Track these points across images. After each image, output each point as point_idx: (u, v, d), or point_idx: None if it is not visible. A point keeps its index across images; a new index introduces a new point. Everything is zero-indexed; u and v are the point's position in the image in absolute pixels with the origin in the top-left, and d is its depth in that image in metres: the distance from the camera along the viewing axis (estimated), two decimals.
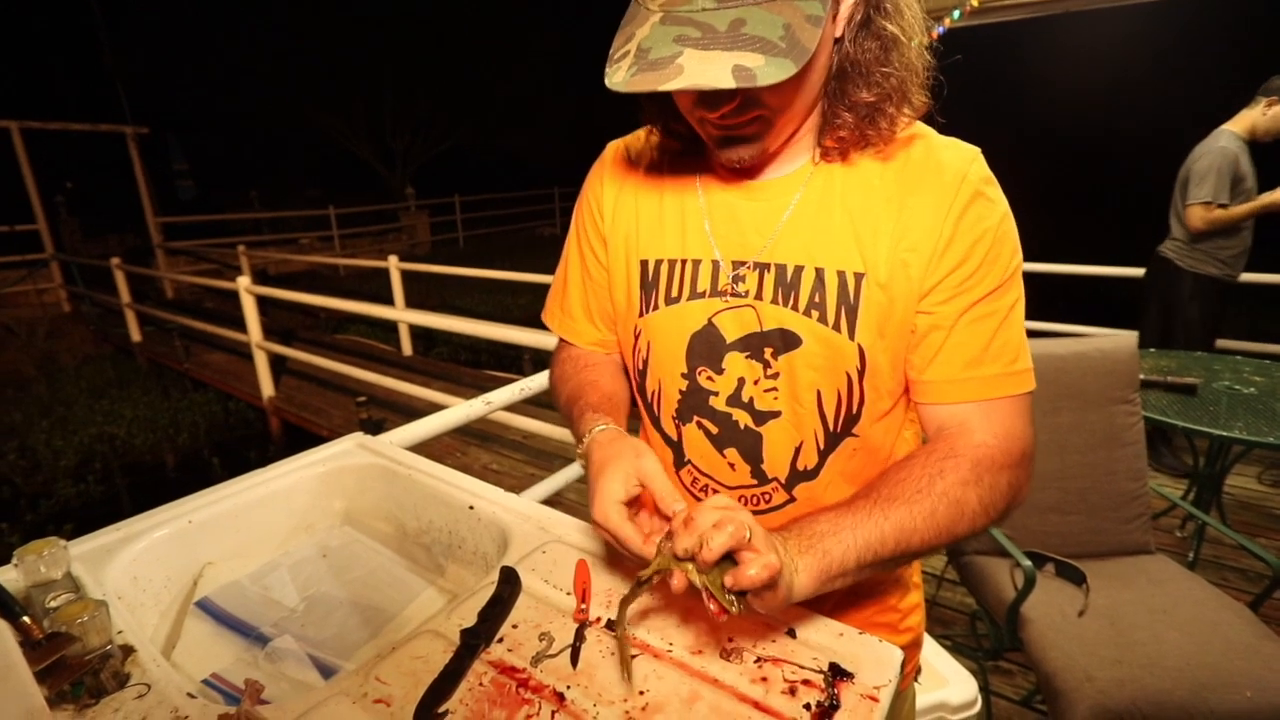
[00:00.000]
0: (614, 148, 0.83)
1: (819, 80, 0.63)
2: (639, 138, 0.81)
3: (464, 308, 9.39)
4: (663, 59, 0.52)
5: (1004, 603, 1.52)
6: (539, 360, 5.10)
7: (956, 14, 2.69)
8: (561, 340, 0.91)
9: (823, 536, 0.58)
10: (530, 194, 18.09)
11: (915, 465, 0.64)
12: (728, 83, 0.50)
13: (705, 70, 0.51)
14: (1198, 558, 2.32)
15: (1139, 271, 3.80)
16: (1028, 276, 0.70)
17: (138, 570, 0.89)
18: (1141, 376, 1.88)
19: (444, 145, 17.87)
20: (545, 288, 0.94)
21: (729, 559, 0.53)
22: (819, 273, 0.67)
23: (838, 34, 0.61)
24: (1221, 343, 3.26)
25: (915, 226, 0.64)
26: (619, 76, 0.54)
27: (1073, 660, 1.35)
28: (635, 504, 0.65)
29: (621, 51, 0.55)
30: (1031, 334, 0.70)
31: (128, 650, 0.68)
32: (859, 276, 0.66)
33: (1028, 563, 1.46)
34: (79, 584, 0.77)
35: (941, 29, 2.71)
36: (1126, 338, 1.76)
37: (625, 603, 0.62)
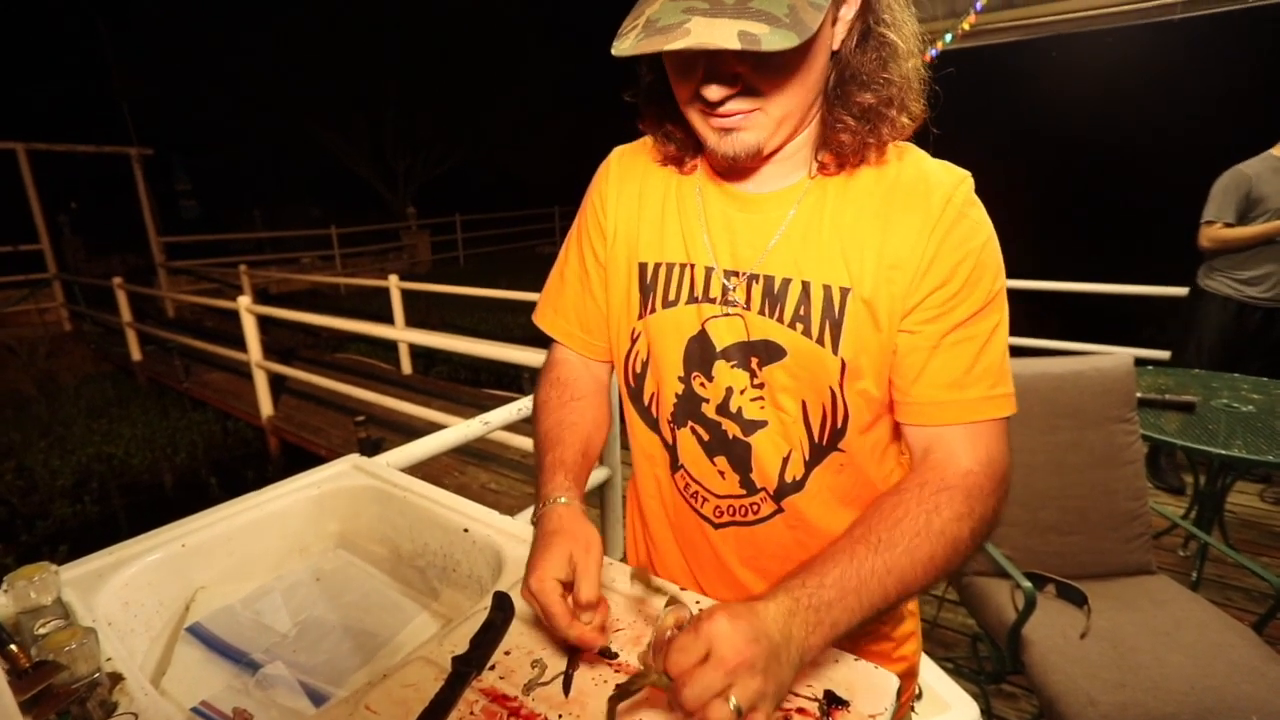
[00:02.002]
0: (619, 151, 0.85)
1: (816, 83, 0.64)
2: (645, 144, 0.82)
3: (464, 326, 9.41)
4: (671, 25, 0.54)
5: (1005, 625, 1.51)
6: (538, 379, 5.10)
7: (949, 37, 2.74)
8: (554, 343, 0.90)
9: (830, 607, 0.56)
10: (530, 213, 18.23)
11: (910, 500, 0.63)
12: (733, 44, 0.52)
13: (712, 33, 0.53)
14: (1200, 577, 2.30)
15: (1142, 290, 3.84)
16: (1035, 294, 0.71)
17: (129, 595, 0.88)
18: (1139, 395, 1.88)
19: (445, 165, 18.03)
20: None
21: None
22: (805, 286, 0.68)
23: (836, 46, 0.63)
24: None
25: (899, 244, 0.66)
26: (626, 44, 0.56)
27: (1075, 684, 1.33)
28: (567, 587, 0.65)
29: (631, 26, 0.57)
30: (1028, 352, 0.71)
31: (116, 678, 0.67)
32: (845, 291, 0.67)
33: (1028, 584, 1.45)
34: (69, 610, 0.77)
35: (934, 52, 2.76)
36: (1123, 356, 1.76)
37: (615, 703, 0.57)
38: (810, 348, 0.68)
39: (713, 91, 0.61)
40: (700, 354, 0.74)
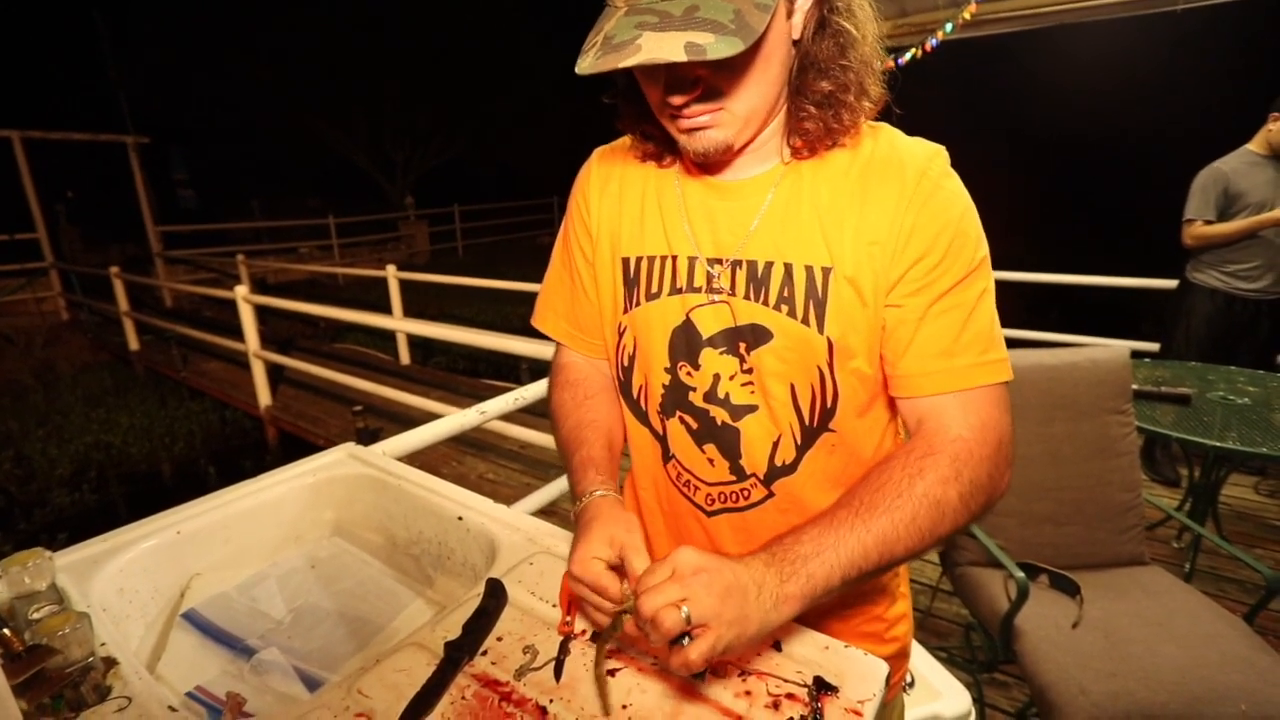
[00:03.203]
0: (599, 152, 0.87)
1: (777, 76, 0.66)
2: (624, 143, 0.84)
3: (462, 317, 9.40)
4: (624, 42, 0.57)
5: (998, 614, 1.52)
6: (537, 370, 5.11)
7: (949, 26, 2.72)
8: (558, 346, 0.92)
9: (806, 560, 0.58)
10: (529, 203, 18.16)
11: (895, 467, 0.64)
12: (680, 56, 0.55)
13: (660, 46, 0.55)
14: (1194, 568, 2.31)
15: (1136, 282, 3.84)
16: (1033, 286, 0.71)
17: (124, 581, 0.89)
18: (1135, 387, 1.88)
19: (444, 156, 17.94)
20: None
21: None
22: (788, 268, 0.69)
23: (796, 36, 0.65)
24: None
25: (877, 219, 0.66)
26: (586, 62, 0.59)
27: (1067, 673, 1.34)
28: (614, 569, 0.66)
29: (591, 43, 0.60)
30: (1023, 343, 0.70)
31: (110, 663, 0.67)
32: (826, 271, 0.68)
33: (1021, 574, 1.46)
34: (64, 596, 0.77)
35: (935, 41, 2.74)
36: (1118, 348, 1.76)
37: (602, 642, 0.62)
38: (796, 329, 0.69)
39: (676, 97, 0.64)
40: (686, 343, 0.75)
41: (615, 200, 0.81)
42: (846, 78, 0.66)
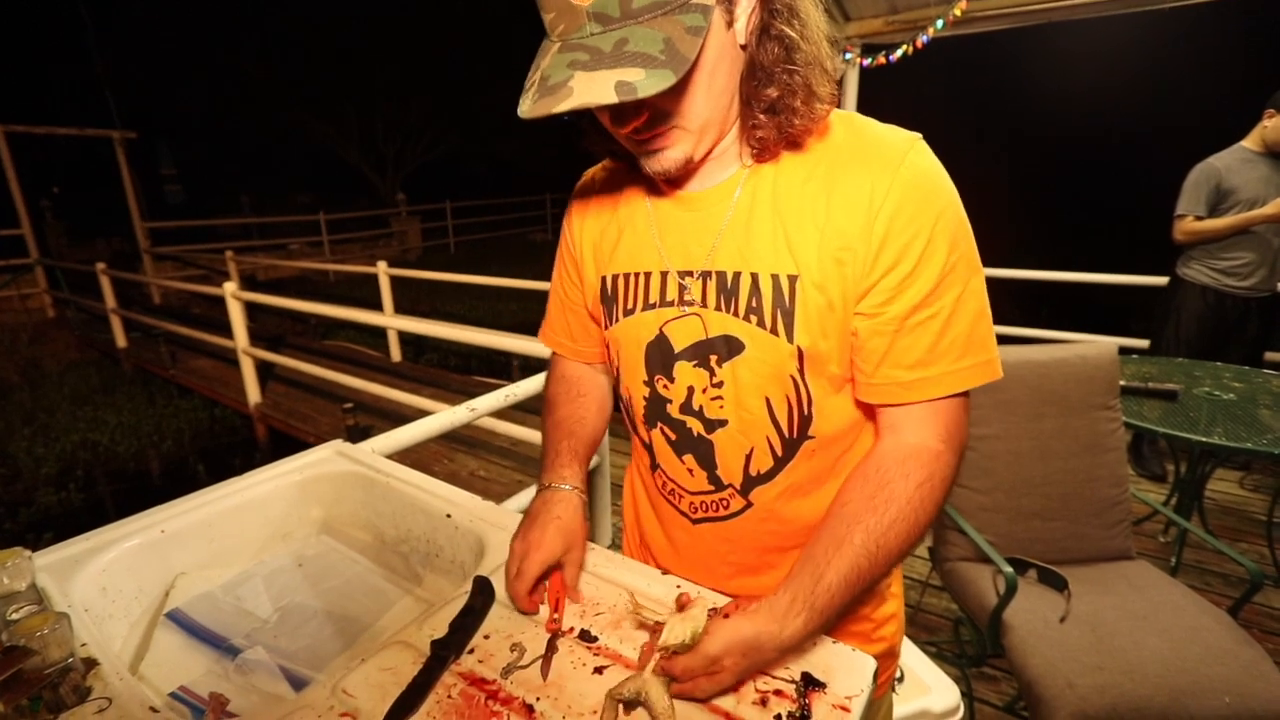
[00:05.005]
0: (587, 174, 0.88)
1: (725, 85, 0.64)
2: (605, 164, 0.85)
3: (454, 313, 9.36)
4: (558, 84, 0.56)
5: (986, 609, 1.53)
6: (528, 366, 5.09)
7: (940, 23, 2.72)
8: (555, 352, 0.95)
9: (831, 603, 0.62)
10: (522, 200, 18.10)
11: (889, 476, 0.66)
12: (610, 98, 0.54)
13: (591, 89, 0.55)
14: (1180, 563, 2.33)
15: (1127, 279, 3.87)
16: (1027, 282, 0.70)
17: (107, 581, 0.88)
18: (1123, 383, 1.89)
19: (436, 152, 17.84)
20: (536, 293, 1.00)
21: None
22: (754, 277, 0.68)
23: (743, 42, 0.64)
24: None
25: (845, 221, 0.64)
26: (525, 105, 0.58)
27: (1054, 667, 1.35)
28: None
29: (530, 82, 0.59)
30: (1013, 340, 0.70)
31: (90, 663, 0.67)
32: (793, 279, 0.66)
33: (1009, 569, 1.47)
34: (44, 595, 0.76)
35: (926, 38, 2.74)
36: (1107, 344, 1.77)
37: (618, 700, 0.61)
38: (766, 339, 0.68)
39: (623, 127, 0.64)
40: (660, 357, 0.76)
41: (595, 221, 0.82)
42: (793, 81, 0.63)
